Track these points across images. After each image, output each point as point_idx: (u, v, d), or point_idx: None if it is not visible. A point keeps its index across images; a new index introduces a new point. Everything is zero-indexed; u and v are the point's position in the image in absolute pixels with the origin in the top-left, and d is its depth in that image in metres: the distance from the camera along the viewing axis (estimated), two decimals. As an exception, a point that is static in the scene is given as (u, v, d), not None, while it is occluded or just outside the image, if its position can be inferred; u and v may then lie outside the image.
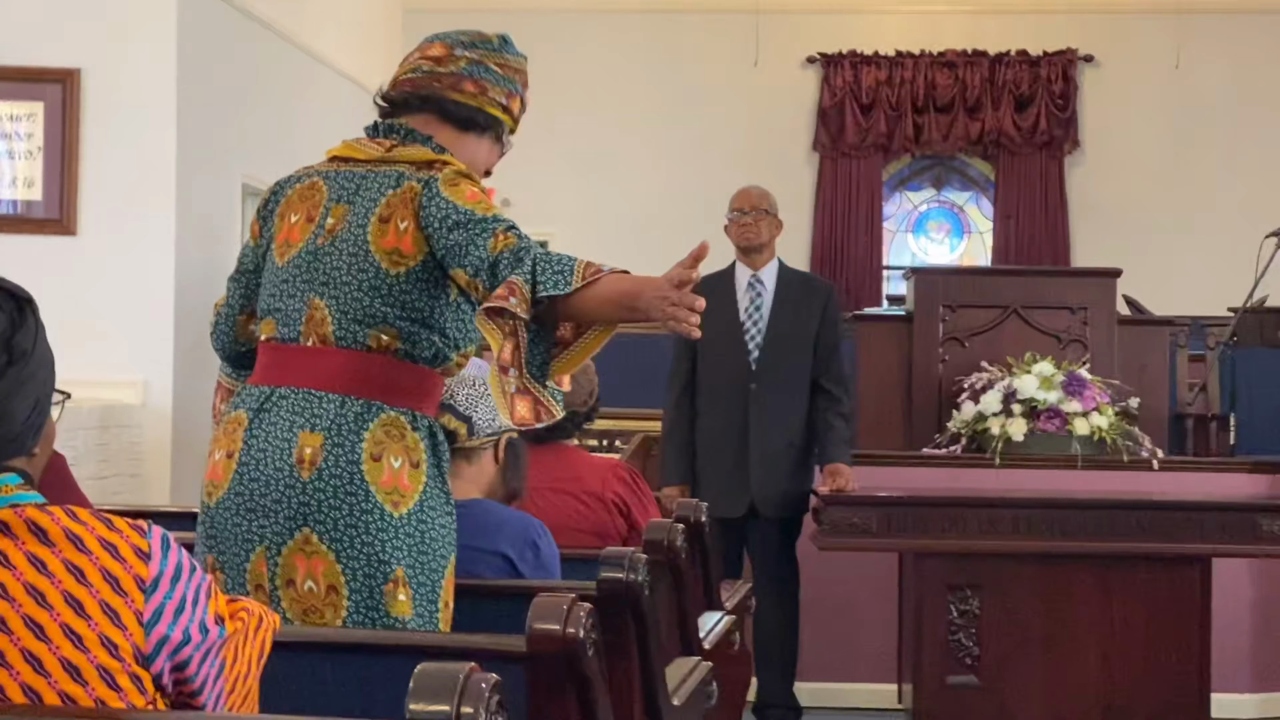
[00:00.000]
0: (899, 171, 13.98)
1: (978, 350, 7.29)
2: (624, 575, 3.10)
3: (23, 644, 2.03)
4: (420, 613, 3.17)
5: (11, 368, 2.09)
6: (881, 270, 13.62)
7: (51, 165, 7.85)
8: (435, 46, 3.48)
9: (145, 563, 2.10)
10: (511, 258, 3.09)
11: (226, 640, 2.21)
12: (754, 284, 6.43)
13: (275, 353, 3.30)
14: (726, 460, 6.31)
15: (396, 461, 3.18)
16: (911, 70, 13.38)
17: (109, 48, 7.90)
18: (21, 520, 2.08)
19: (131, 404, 7.73)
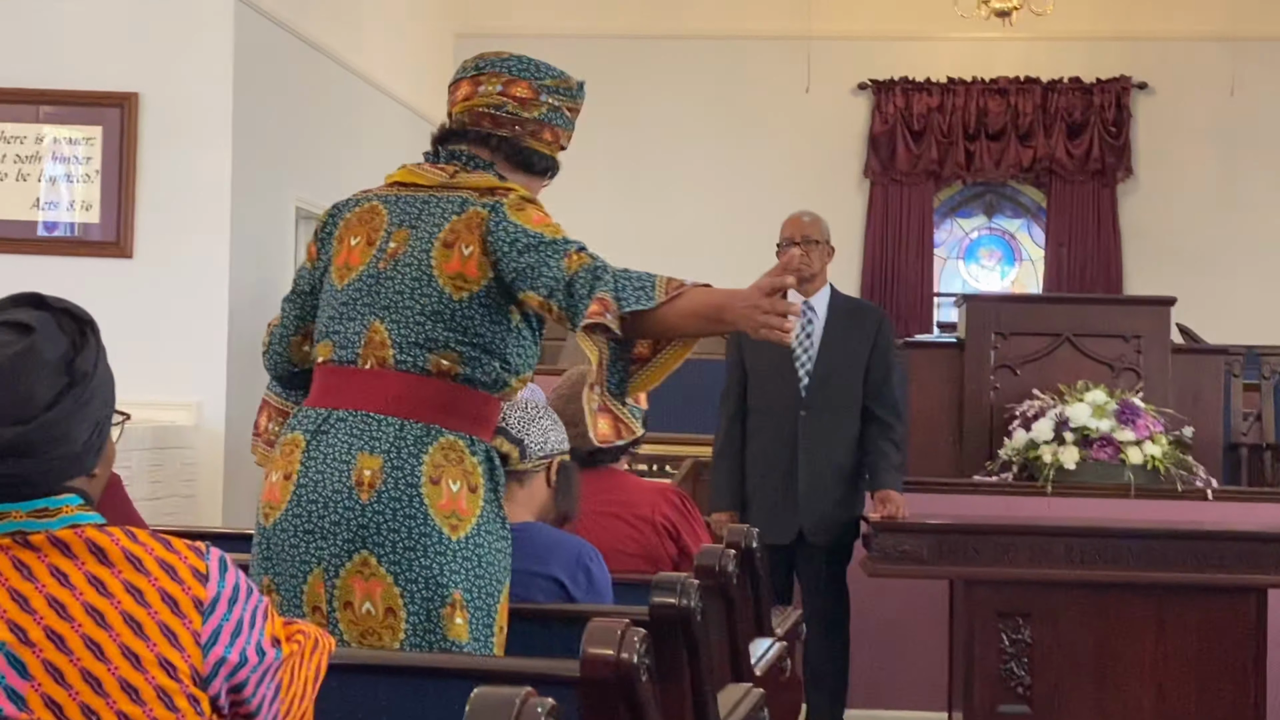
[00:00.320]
0: (950, 198, 13.94)
1: (1029, 378, 7.26)
2: (676, 600, 3.10)
3: (82, 664, 2.04)
4: (476, 636, 3.17)
5: (73, 389, 2.11)
6: (932, 297, 13.57)
7: (109, 188, 7.91)
8: (521, 85, 3.45)
9: (203, 584, 2.12)
10: (589, 276, 3.12)
11: (283, 662, 2.22)
12: (805, 311, 6.41)
13: (333, 375, 3.31)
14: (776, 486, 6.30)
15: (455, 485, 3.18)
16: (963, 97, 13.35)
17: (167, 72, 7.96)
18: (81, 540, 2.10)
19: (185, 425, 7.78)
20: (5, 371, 2.07)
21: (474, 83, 3.48)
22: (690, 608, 3.10)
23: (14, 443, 2.06)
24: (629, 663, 2.52)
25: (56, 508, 2.11)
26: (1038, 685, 5.95)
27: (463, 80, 3.51)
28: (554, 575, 3.64)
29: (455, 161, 3.43)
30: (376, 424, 3.20)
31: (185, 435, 7.78)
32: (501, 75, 3.46)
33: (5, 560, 2.08)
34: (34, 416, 2.07)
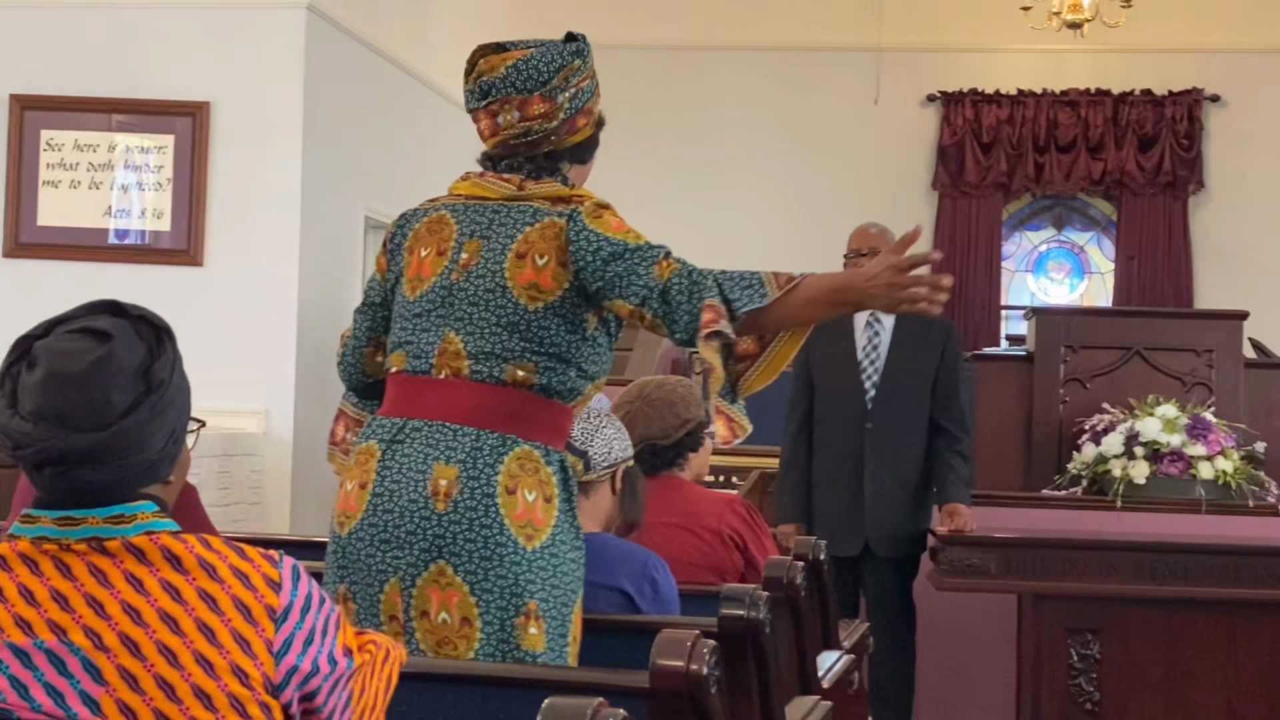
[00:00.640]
0: (1019, 211, 13.87)
1: (1099, 391, 7.21)
2: (745, 612, 3.09)
3: (155, 670, 2.05)
4: (551, 646, 3.17)
5: (149, 396, 2.12)
6: (1000, 310, 13.50)
7: (180, 197, 7.97)
8: (535, 103, 3.37)
9: (276, 592, 2.12)
10: (685, 282, 3.13)
11: (355, 672, 2.22)
12: (872, 323, 6.39)
13: (407, 385, 3.31)
14: (842, 498, 6.28)
15: (530, 495, 3.18)
16: (1033, 109, 13.28)
17: (238, 81, 8.01)
18: (156, 547, 2.11)
19: (254, 432, 7.83)
20: (83, 378, 2.08)
21: (490, 115, 3.42)
22: (759, 619, 3.09)
23: (91, 449, 2.07)
24: (699, 674, 2.51)
25: (132, 514, 2.12)
26: (1107, 702, 5.91)
27: (479, 111, 3.45)
28: (620, 586, 3.63)
29: (519, 171, 3.41)
30: (452, 434, 3.20)
31: (254, 443, 7.82)
32: (512, 100, 3.38)
33: (81, 565, 2.09)
34: (111, 423, 2.08)
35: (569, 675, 2.89)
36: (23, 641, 2.06)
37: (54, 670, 2.05)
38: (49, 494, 2.13)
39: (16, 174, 8.12)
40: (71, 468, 2.08)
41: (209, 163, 8.03)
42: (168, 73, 8.07)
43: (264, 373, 7.95)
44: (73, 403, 2.08)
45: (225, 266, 8.02)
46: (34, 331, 2.17)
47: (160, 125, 8.05)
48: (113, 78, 8.09)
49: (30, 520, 2.13)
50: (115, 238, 8.08)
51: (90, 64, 8.12)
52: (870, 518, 6.23)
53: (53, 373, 2.09)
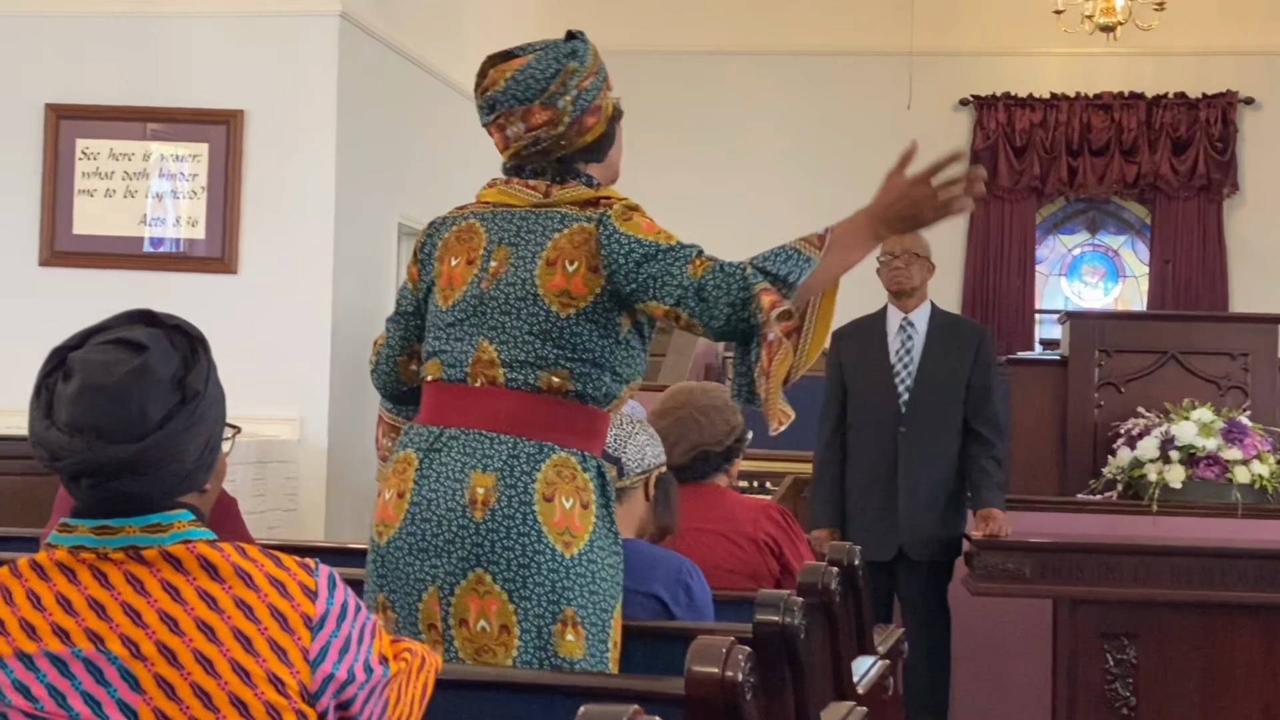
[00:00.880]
0: (1053, 214, 13.84)
1: (1134, 395, 7.19)
2: (780, 618, 3.08)
3: (192, 678, 2.06)
4: (591, 652, 3.17)
5: (185, 406, 2.13)
6: (1034, 314, 13.48)
7: (214, 205, 8.00)
8: (536, 112, 3.35)
9: (312, 601, 2.13)
10: (720, 277, 3.14)
11: (390, 680, 2.23)
12: (905, 327, 6.38)
13: (443, 393, 3.32)
14: (876, 503, 6.27)
15: (568, 502, 3.18)
16: (1066, 113, 13.25)
17: (272, 89, 8.04)
18: (193, 556, 2.12)
19: (288, 440, 7.85)
20: (119, 389, 2.09)
21: (499, 129, 3.42)
22: (794, 625, 3.09)
23: (128, 460, 2.08)
24: (734, 681, 2.51)
25: (169, 523, 2.13)
26: (1143, 707, 5.88)
27: (489, 126, 3.46)
28: (654, 593, 3.63)
29: (543, 176, 3.41)
30: (489, 442, 3.20)
31: (288, 450, 7.84)
32: (515, 112, 3.37)
33: (118, 574, 2.10)
34: (147, 434, 2.09)
35: (604, 682, 2.90)
36: (60, 650, 2.07)
37: (91, 679, 2.06)
38: (86, 504, 2.14)
39: (52, 183, 8.16)
40: (108, 479, 2.09)
41: (243, 170, 8.06)
42: (202, 81, 8.10)
43: (299, 380, 7.97)
44: (108, 415, 2.09)
45: (260, 274, 8.04)
46: (69, 342, 2.18)
47: (195, 134, 8.08)
48: (147, 87, 8.13)
49: (67, 529, 2.14)
50: (150, 246, 8.11)
51: (125, 73, 8.16)
52: (905, 522, 6.22)
53: (88, 384, 2.10)
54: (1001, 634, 6.84)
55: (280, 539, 6.33)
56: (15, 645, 2.08)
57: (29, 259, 8.19)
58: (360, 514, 8.12)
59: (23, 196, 8.19)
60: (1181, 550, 5.90)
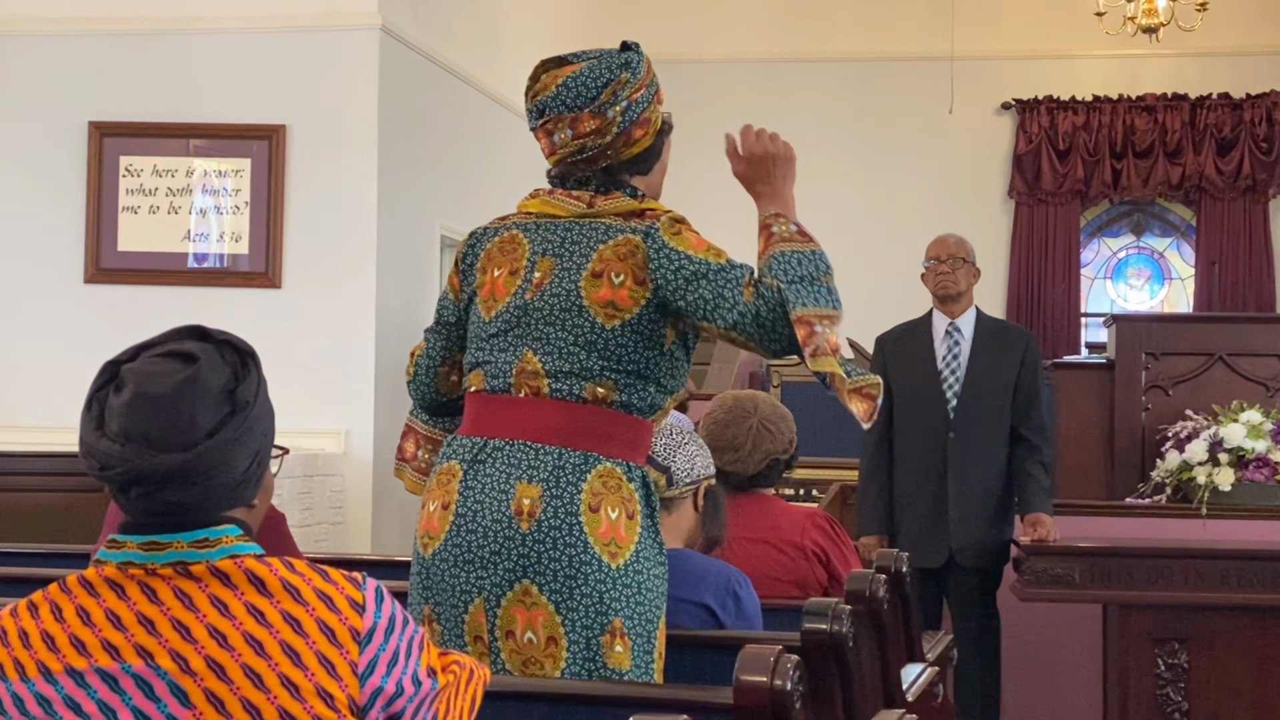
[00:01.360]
0: (1097, 217, 13.78)
1: (1182, 398, 7.16)
2: (828, 626, 3.07)
3: (241, 693, 2.06)
4: (637, 663, 3.16)
5: (233, 418, 2.14)
6: (1080, 317, 13.42)
7: (258, 220, 8.03)
8: (585, 120, 3.34)
9: (360, 615, 2.13)
10: (775, 299, 3.17)
11: (439, 693, 2.22)
12: (951, 332, 6.36)
13: (487, 404, 3.31)
14: (924, 509, 6.24)
15: (614, 512, 3.18)
16: (1109, 115, 13.20)
17: (313, 104, 8.07)
18: (241, 571, 2.12)
19: (334, 453, 7.87)
20: (170, 399, 2.10)
21: (546, 134, 3.40)
22: (842, 633, 3.08)
23: (177, 469, 2.09)
24: (783, 690, 2.50)
25: (217, 538, 2.13)
26: (1195, 711, 5.85)
27: (537, 131, 3.44)
28: (703, 602, 3.62)
29: (587, 186, 3.40)
30: (534, 453, 3.20)
31: (334, 463, 7.86)
32: (563, 118, 3.36)
33: (167, 590, 2.11)
34: (196, 443, 2.10)
35: (654, 692, 2.89)
36: (110, 666, 2.08)
37: (141, 694, 2.07)
38: (135, 516, 2.14)
39: (97, 200, 8.20)
40: (157, 488, 2.10)
41: (285, 185, 8.09)
42: (243, 97, 8.13)
43: (343, 393, 7.99)
44: (159, 423, 2.10)
45: (303, 288, 8.07)
46: (121, 356, 2.19)
47: (237, 149, 8.11)
48: (189, 103, 8.17)
49: (116, 545, 2.15)
50: (194, 261, 8.14)
51: (167, 90, 8.20)
52: (953, 528, 6.19)
53: (140, 394, 2.11)
54: (1051, 640, 6.81)
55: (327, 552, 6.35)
56: (65, 661, 2.09)
57: (74, 276, 8.23)
58: (406, 526, 8.13)
59: (68, 214, 8.24)
60: (1232, 554, 5.86)
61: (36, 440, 7.59)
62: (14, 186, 8.35)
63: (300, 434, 7.42)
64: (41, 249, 8.27)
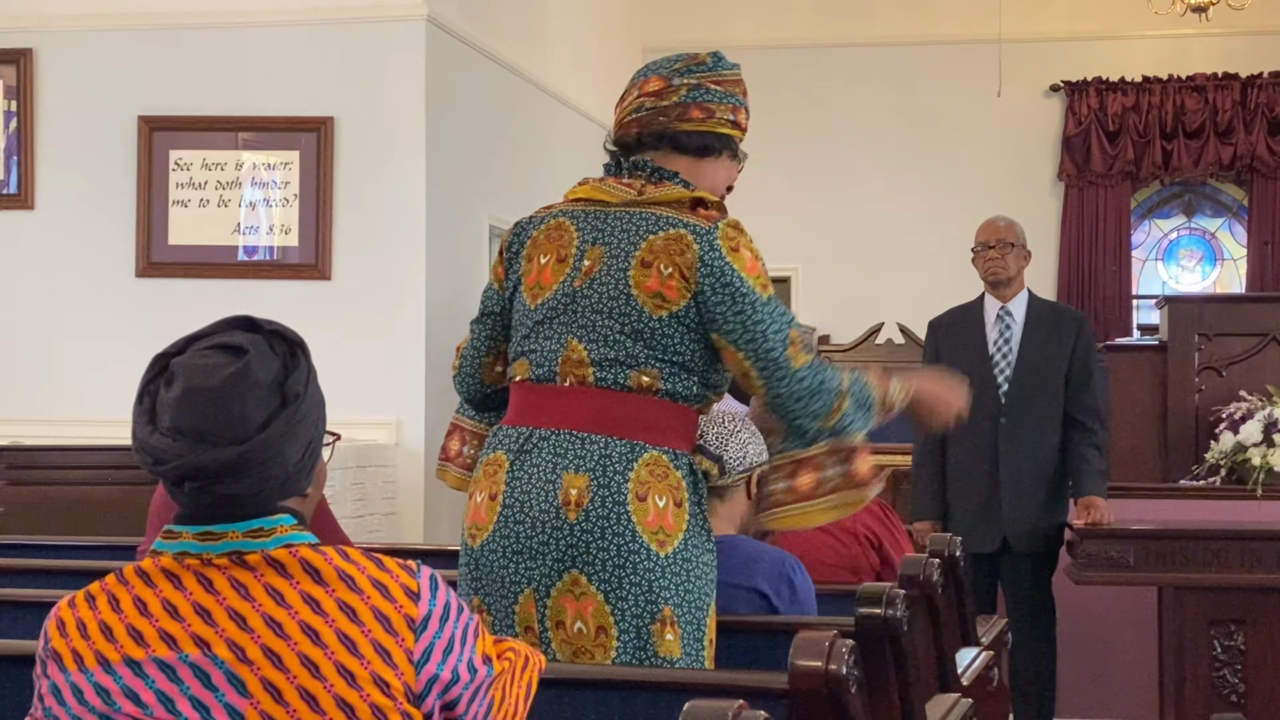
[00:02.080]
0: (1147, 199, 13.69)
1: (1235, 379, 7.12)
2: (882, 611, 3.07)
3: (298, 682, 2.07)
4: (688, 651, 3.16)
5: (285, 410, 2.14)
6: (1131, 299, 13.34)
7: (307, 212, 8.04)
8: (652, 81, 3.43)
9: (415, 602, 2.14)
10: (814, 386, 3.31)
11: (495, 680, 2.23)
12: (1003, 316, 6.33)
13: (531, 394, 3.31)
14: (977, 494, 6.23)
15: (661, 501, 3.18)
16: (1159, 95, 13.10)
17: (361, 95, 8.08)
18: (296, 560, 2.13)
19: (385, 444, 7.88)
20: (221, 392, 2.11)
21: (620, 105, 3.49)
22: (897, 618, 3.08)
23: (231, 462, 2.09)
24: (838, 674, 2.50)
25: (271, 528, 2.14)
26: (1252, 692, 5.82)
27: (617, 109, 3.53)
28: (757, 587, 3.62)
29: (638, 173, 3.40)
30: (580, 442, 3.20)
31: (386, 454, 7.88)
32: (635, 83, 3.47)
33: (223, 580, 2.12)
34: (249, 437, 2.10)
35: (709, 677, 2.89)
36: (168, 655, 2.09)
37: (199, 684, 2.08)
38: (189, 509, 2.15)
39: (147, 194, 8.23)
40: (211, 482, 2.11)
41: (334, 177, 8.10)
42: (291, 89, 8.15)
43: (394, 384, 8.00)
44: (210, 418, 2.10)
45: (353, 279, 8.08)
46: (171, 349, 2.20)
47: (285, 142, 8.13)
48: (237, 96, 8.19)
49: (172, 536, 2.16)
50: (244, 254, 8.17)
51: (215, 83, 8.22)
52: (1007, 512, 6.17)
53: (190, 388, 2.12)
54: (1106, 623, 6.78)
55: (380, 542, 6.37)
56: (124, 651, 2.10)
57: (126, 271, 8.27)
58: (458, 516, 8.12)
59: (118, 209, 8.27)
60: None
61: (89, 434, 7.64)
62: (65, 182, 8.40)
63: (352, 425, 7.43)
64: (93, 243, 8.31)
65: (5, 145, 8.41)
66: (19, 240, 8.40)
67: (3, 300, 8.38)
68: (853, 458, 3.46)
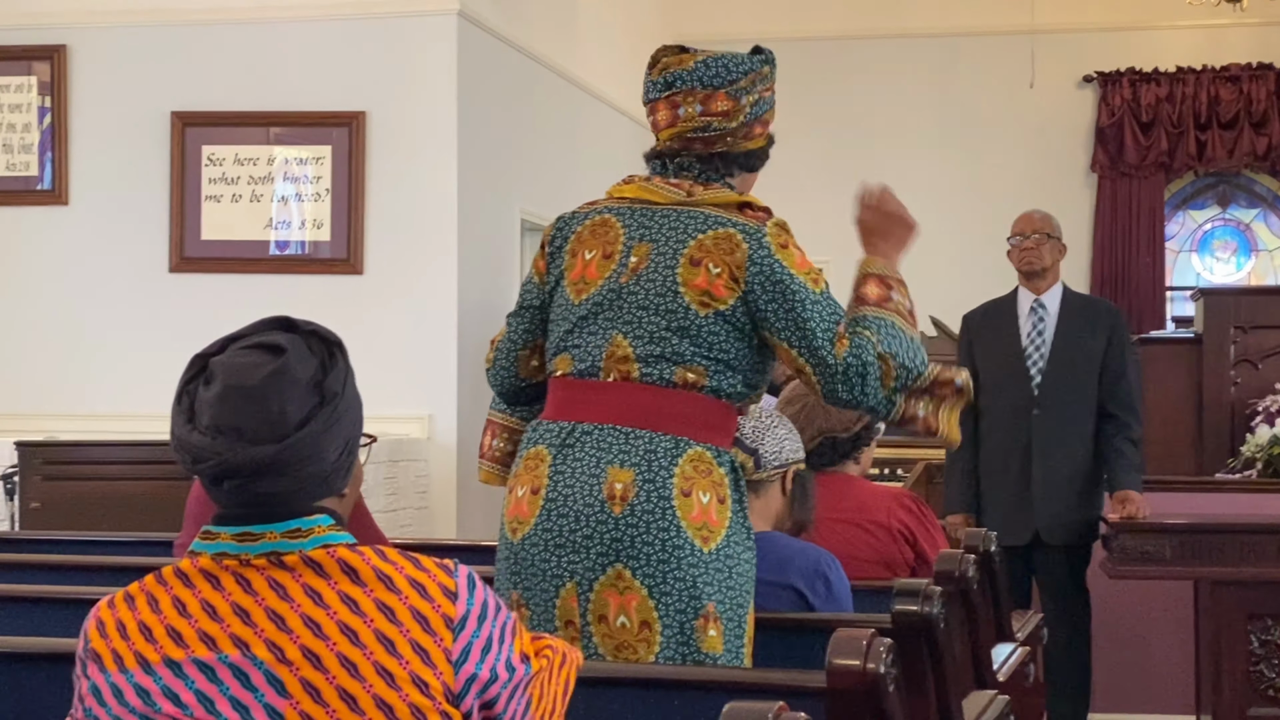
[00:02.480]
0: (1181, 190, 13.62)
1: (1271, 372, 7.09)
2: (919, 608, 3.06)
3: (337, 682, 2.07)
4: (729, 648, 3.16)
5: (322, 409, 2.14)
6: (1165, 291, 13.28)
7: (339, 206, 8.06)
8: (719, 99, 3.35)
9: (453, 602, 2.13)
10: (858, 367, 3.24)
11: (533, 678, 2.23)
12: (1036, 309, 6.31)
13: (573, 388, 3.30)
14: (1010, 488, 6.20)
15: (705, 497, 3.18)
16: (1193, 86, 13.03)
17: (392, 90, 8.09)
18: (334, 560, 2.13)
19: (418, 438, 7.89)
20: (259, 391, 2.11)
21: (671, 105, 3.39)
22: (933, 614, 3.06)
23: (269, 460, 2.10)
24: (876, 673, 2.48)
25: (309, 528, 2.14)
26: (1290, 688, 5.79)
27: (658, 102, 3.42)
28: (792, 584, 3.61)
29: (686, 174, 3.39)
30: (624, 437, 3.19)
31: (418, 448, 7.89)
32: (696, 93, 3.36)
33: (261, 580, 2.12)
34: (287, 435, 2.11)
35: (746, 676, 2.88)
36: (207, 656, 2.09)
37: (238, 684, 2.08)
38: (228, 508, 2.15)
39: (180, 190, 8.25)
40: (249, 480, 2.11)
41: (366, 172, 8.11)
42: (322, 84, 8.16)
43: (426, 378, 8.01)
44: (249, 416, 2.10)
45: (385, 274, 8.09)
46: (209, 349, 2.21)
47: (317, 136, 8.14)
48: (268, 91, 8.20)
49: (210, 537, 2.16)
50: (276, 249, 8.18)
51: (246, 79, 8.24)
52: (1040, 506, 6.15)
53: (229, 387, 2.12)
54: (1142, 617, 6.76)
55: (412, 538, 6.37)
56: (163, 652, 2.10)
57: (159, 266, 8.30)
58: (490, 511, 8.16)
59: (152, 204, 8.30)
60: (1326, 529, 5.80)
61: (122, 429, 7.66)
62: (99, 178, 8.42)
63: (384, 420, 7.44)
64: (126, 239, 8.34)
65: (39, 141, 8.44)
66: (53, 236, 8.43)
67: (37, 296, 8.41)
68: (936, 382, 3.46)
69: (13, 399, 8.35)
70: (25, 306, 8.42)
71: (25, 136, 8.47)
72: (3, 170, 8.50)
